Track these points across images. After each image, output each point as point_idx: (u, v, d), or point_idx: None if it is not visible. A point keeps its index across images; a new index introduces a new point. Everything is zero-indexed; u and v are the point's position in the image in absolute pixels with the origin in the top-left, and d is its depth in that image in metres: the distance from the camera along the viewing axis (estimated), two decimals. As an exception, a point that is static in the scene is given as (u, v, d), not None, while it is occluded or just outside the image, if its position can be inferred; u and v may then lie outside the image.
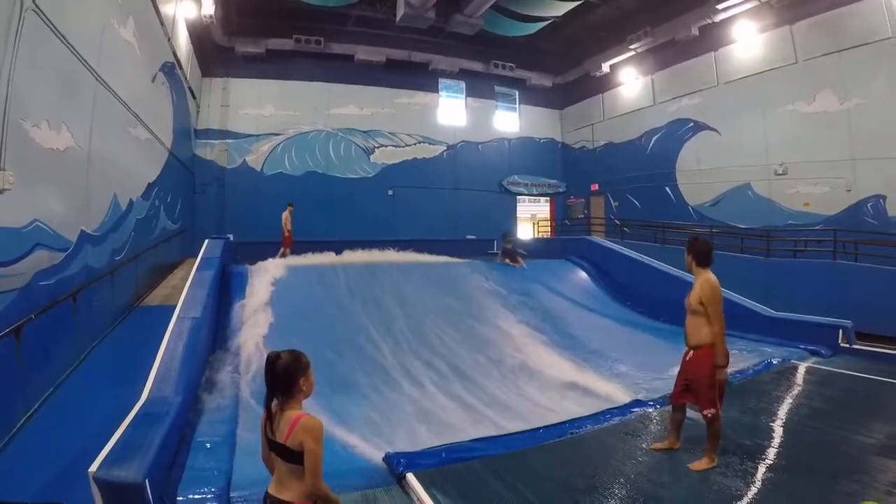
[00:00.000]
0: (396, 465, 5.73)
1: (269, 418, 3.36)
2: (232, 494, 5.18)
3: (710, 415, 5.96)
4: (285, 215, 18.32)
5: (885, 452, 6.57)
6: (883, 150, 16.48)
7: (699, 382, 6.00)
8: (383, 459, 5.96)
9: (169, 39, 15.77)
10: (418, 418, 8.30)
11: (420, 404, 9.00)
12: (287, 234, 18.27)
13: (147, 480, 4.40)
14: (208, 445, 6.22)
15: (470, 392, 9.71)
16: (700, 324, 5.97)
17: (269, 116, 24.31)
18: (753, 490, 5.60)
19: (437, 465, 5.82)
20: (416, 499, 5.21)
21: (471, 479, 5.63)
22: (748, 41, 20.69)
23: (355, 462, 6.18)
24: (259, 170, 24.06)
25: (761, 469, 6.14)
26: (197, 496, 5.03)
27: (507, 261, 17.89)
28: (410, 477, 5.49)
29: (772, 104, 19.77)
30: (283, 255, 17.25)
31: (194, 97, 21.50)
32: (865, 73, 16.87)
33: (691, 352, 6.14)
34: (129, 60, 11.66)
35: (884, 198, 16.55)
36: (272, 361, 3.34)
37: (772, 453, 6.63)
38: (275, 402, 3.35)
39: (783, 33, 19.36)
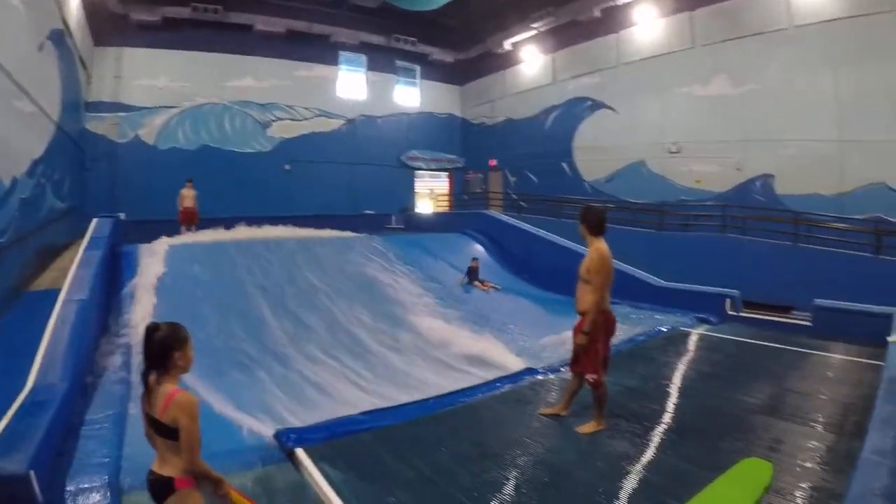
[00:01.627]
0: (286, 441, 5.64)
1: (147, 393, 3.24)
2: (123, 480, 4.88)
3: (591, 379, 5.96)
4: (183, 192, 17.48)
5: (768, 412, 6.78)
6: (773, 132, 17.18)
7: (581, 346, 6.00)
8: (274, 436, 5.84)
9: (58, 5, 14.36)
10: (312, 395, 8.25)
11: (314, 380, 8.89)
12: (185, 210, 17.40)
13: (32, 472, 4.18)
14: (98, 432, 5.84)
15: (365, 366, 9.71)
16: (587, 291, 5.91)
17: (164, 88, 22.54)
18: (640, 451, 5.63)
19: (327, 439, 5.74)
20: (306, 474, 5.12)
21: (360, 451, 5.57)
22: (649, 25, 20.89)
23: (247, 441, 6.10)
24: (152, 144, 22.35)
25: (648, 431, 6.15)
26: (86, 485, 4.69)
27: (478, 283, 15.82)
28: (300, 452, 5.42)
29: (668, 86, 20.14)
30: (187, 231, 16.67)
31: (85, 67, 19.79)
32: (760, 61, 17.44)
33: (579, 317, 6.07)
34: (13, 26, 10.46)
35: (772, 177, 17.27)
36: (150, 332, 3.22)
37: (659, 416, 6.67)
38: (152, 376, 3.23)
39: (683, 19, 19.67)
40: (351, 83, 27.42)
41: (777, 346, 10.22)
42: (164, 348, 3.19)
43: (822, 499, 4.66)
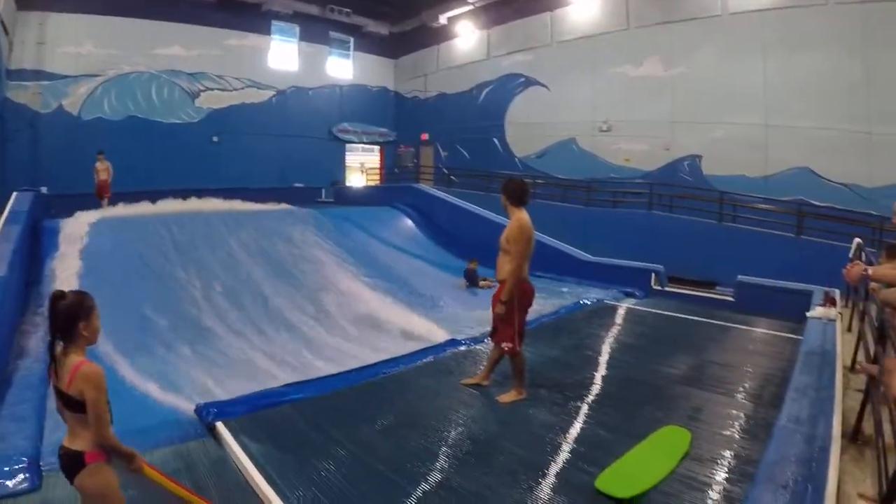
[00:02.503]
0: (207, 415, 5.50)
1: (54, 365, 3.01)
2: (42, 464, 4.55)
3: (507, 348, 5.93)
4: (97, 165, 16.56)
5: (689, 382, 6.83)
6: (701, 115, 17.49)
7: (498, 315, 5.95)
8: (195, 411, 5.69)
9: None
10: (235, 368, 8.17)
11: (237, 354, 8.84)
12: (100, 183, 16.55)
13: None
14: (17, 415, 5.54)
15: (289, 338, 9.72)
16: (506, 260, 5.87)
17: (89, 56, 21.07)
18: (560, 419, 5.63)
19: (248, 412, 5.62)
20: (226, 448, 5.00)
21: (281, 423, 5.47)
22: (585, 4, 20.85)
23: (168, 416, 5.92)
24: (76, 114, 20.93)
25: (569, 400, 6.15)
26: (5, 468, 4.38)
27: (483, 283, 14.02)
28: (220, 426, 5.30)
29: (601, 65, 20.22)
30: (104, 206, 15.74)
31: (7, 33, 18.50)
32: (692, 45, 17.71)
33: (496, 285, 6.10)
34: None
35: (699, 157, 17.59)
36: (54, 301, 2.99)
37: (580, 386, 6.65)
38: (59, 348, 3.01)
39: (619, 1, 19.74)
40: (283, 54, 26.48)
41: (700, 319, 10.36)
42: (70, 317, 2.98)
43: (738, 465, 4.68)
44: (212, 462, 4.73)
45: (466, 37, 25.92)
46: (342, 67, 28.42)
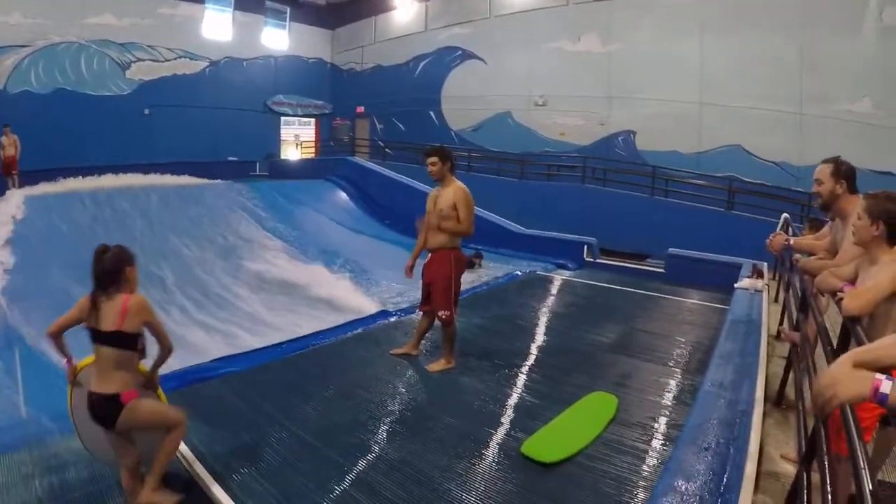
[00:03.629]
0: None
1: (96, 311, 3.29)
2: None
3: (444, 316, 5.90)
4: (2, 140, 15.57)
5: (617, 350, 6.90)
6: (636, 91, 17.83)
7: (436, 284, 5.94)
8: None
9: None
10: None
11: (168, 329, 8.42)
12: (7, 159, 15.57)
13: None
14: None
15: (219, 312, 9.70)
16: (446, 228, 5.81)
17: (16, 25, 19.88)
18: (489, 387, 5.65)
19: (177, 387, 5.37)
20: None
21: (211, 398, 5.32)
22: (524, -21, 20.87)
23: None
24: (2, 88, 19.75)
25: (499, 368, 6.13)
26: None
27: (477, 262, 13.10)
28: None
29: (539, 40, 20.33)
30: (14, 185, 14.90)
31: None
32: (629, 23, 17.95)
33: (430, 255, 6.00)
34: None
35: (634, 133, 17.96)
36: (100, 254, 3.39)
37: (510, 354, 6.62)
38: (101, 296, 3.33)
39: (560, -24, 19.80)
40: (217, 23, 25.60)
41: (631, 290, 10.47)
42: (118, 263, 3.40)
43: (664, 428, 4.73)
44: None
45: (404, 8, 25.74)
46: (278, 38, 27.85)
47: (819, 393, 1.57)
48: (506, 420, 4.90)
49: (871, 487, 1.57)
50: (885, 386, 1.48)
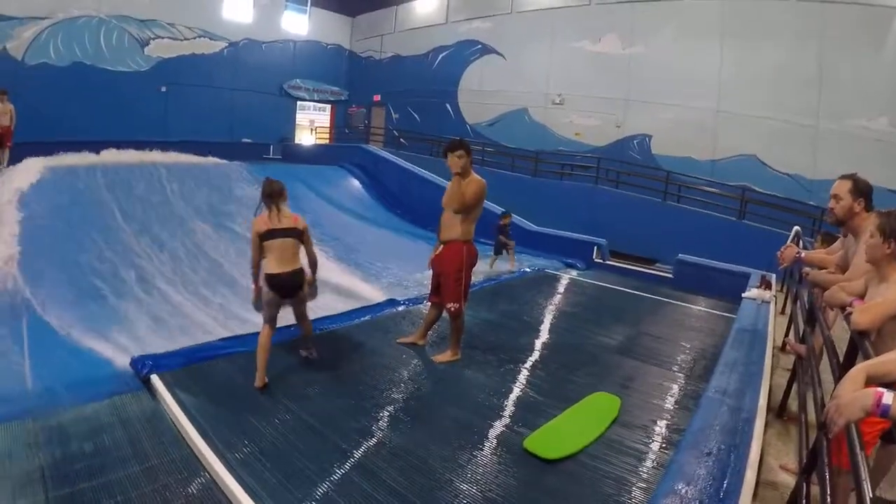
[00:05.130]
0: (142, 368, 5.38)
1: (276, 215, 5.19)
2: None
3: (453, 308, 5.93)
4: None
5: (622, 352, 6.93)
6: (654, 95, 17.72)
7: (447, 275, 5.97)
8: (130, 364, 5.58)
9: None
10: (173, 322, 8.12)
11: (175, 308, 8.74)
12: (0, 130, 14.07)
13: None
14: None
15: (228, 293, 9.62)
16: (456, 221, 5.85)
17: None
18: (493, 381, 5.71)
19: (183, 365, 5.53)
20: (160, 400, 4.93)
21: (216, 376, 5.41)
22: (546, -23, 20.81)
23: (104, 368, 5.84)
24: (20, 59, 19.53)
25: (504, 363, 6.17)
26: None
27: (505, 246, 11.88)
28: (154, 378, 5.20)
29: (559, 38, 20.26)
30: (3, 162, 13.80)
31: None
32: (651, 26, 17.84)
33: (441, 246, 6.00)
34: None
35: (649, 137, 17.90)
36: (270, 183, 5.29)
37: (516, 349, 6.67)
38: (273, 207, 5.21)
39: (582, -25, 19.77)
40: (238, 4, 25.31)
41: (639, 293, 10.50)
42: (282, 188, 5.29)
43: (665, 432, 4.78)
44: (146, 416, 4.62)
45: (426, 0, 25.51)
46: (298, 22, 27.60)
47: (830, 414, 1.61)
48: (509, 414, 4.94)
49: (871, 497, 1.60)
50: (888, 397, 1.52)
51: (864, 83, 13.90)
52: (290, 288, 5.23)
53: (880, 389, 1.56)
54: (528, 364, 6.22)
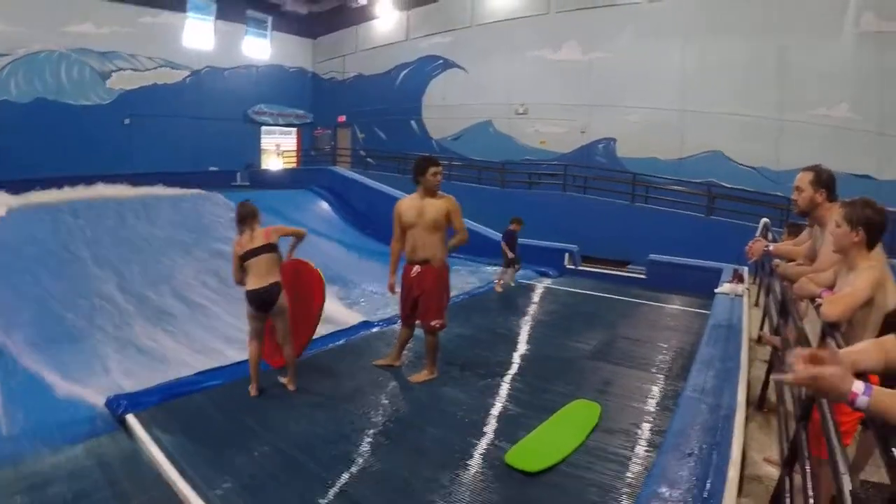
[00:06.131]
0: (117, 407, 5.27)
1: (249, 238, 5.47)
2: None
3: (438, 324, 5.91)
4: None
5: (598, 357, 6.96)
6: (617, 99, 17.94)
7: (430, 294, 5.88)
8: (105, 404, 5.46)
9: None
10: (146, 359, 8.12)
11: (149, 343, 8.71)
12: None
13: None
14: None
15: (201, 325, 9.65)
16: (435, 240, 5.80)
17: None
18: (473, 397, 5.65)
19: (159, 402, 5.42)
20: (138, 440, 4.79)
21: (193, 412, 5.29)
22: (507, -12, 21.00)
23: (78, 410, 5.74)
24: None
25: (481, 378, 6.15)
26: None
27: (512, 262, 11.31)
28: (130, 418, 5.07)
29: (520, 49, 20.37)
30: None
31: None
32: (610, 31, 18.08)
33: (417, 266, 5.89)
34: None
35: (615, 140, 18.08)
36: (242, 206, 5.63)
37: (492, 363, 6.66)
38: (247, 229, 5.51)
39: (541, -15, 19.98)
40: (198, 32, 25.24)
41: (612, 297, 10.53)
42: (254, 210, 5.61)
43: (647, 435, 4.76)
44: (124, 456, 4.56)
45: (386, 18, 25.61)
46: (259, 47, 27.61)
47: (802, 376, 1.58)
48: (489, 430, 4.89)
49: (850, 489, 1.57)
50: (863, 387, 1.50)
51: (823, 72, 14.15)
52: (265, 301, 5.42)
53: (856, 380, 1.54)
54: (506, 377, 6.19)
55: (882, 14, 13.44)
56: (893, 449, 1.47)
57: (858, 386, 1.51)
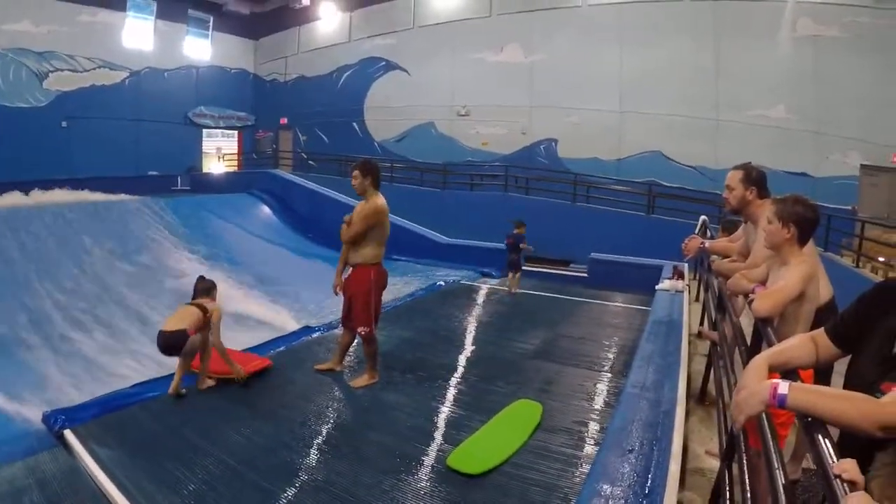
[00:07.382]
0: (55, 423, 5.06)
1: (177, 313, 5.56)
2: None
3: (364, 332, 5.86)
4: None
5: (541, 356, 6.97)
6: (559, 100, 18.22)
7: (356, 300, 5.87)
8: (42, 419, 5.27)
9: None
10: (86, 370, 8.03)
11: (89, 355, 8.64)
12: None
13: None
14: None
15: (144, 334, 9.39)
16: (361, 242, 5.77)
17: None
18: (414, 400, 5.61)
19: (98, 415, 5.22)
20: (76, 456, 4.60)
21: (131, 425, 5.10)
22: (448, -9, 21.09)
23: (15, 427, 5.80)
24: None
25: (423, 381, 6.13)
26: None
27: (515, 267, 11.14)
28: (68, 433, 4.87)
29: (462, 51, 20.57)
30: None
31: None
32: (551, 34, 18.37)
33: (350, 269, 5.93)
34: None
35: (556, 141, 18.37)
36: (201, 279, 5.95)
37: (434, 366, 6.62)
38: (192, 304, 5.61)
39: (484, -12, 20.11)
40: (138, 32, 24.56)
41: (555, 296, 10.62)
42: (209, 289, 5.83)
43: (589, 432, 4.80)
44: (64, 473, 4.35)
45: (328, 19, 25.52)
46: (200, 48, 27.14)
47: (732, 410, 1.69)
48: (431, 433, 4.87)
49: (784, 482, 1.57)
50: (783, 387, 1.53)
51: (760, 75, 14.61)
52: (171, 349, 5.42)
53: (776, 381, 1.58)
54: (448, 379, 6.16)
55: (818, 19, 13.93)
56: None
57: (783, 387, 1.55)
